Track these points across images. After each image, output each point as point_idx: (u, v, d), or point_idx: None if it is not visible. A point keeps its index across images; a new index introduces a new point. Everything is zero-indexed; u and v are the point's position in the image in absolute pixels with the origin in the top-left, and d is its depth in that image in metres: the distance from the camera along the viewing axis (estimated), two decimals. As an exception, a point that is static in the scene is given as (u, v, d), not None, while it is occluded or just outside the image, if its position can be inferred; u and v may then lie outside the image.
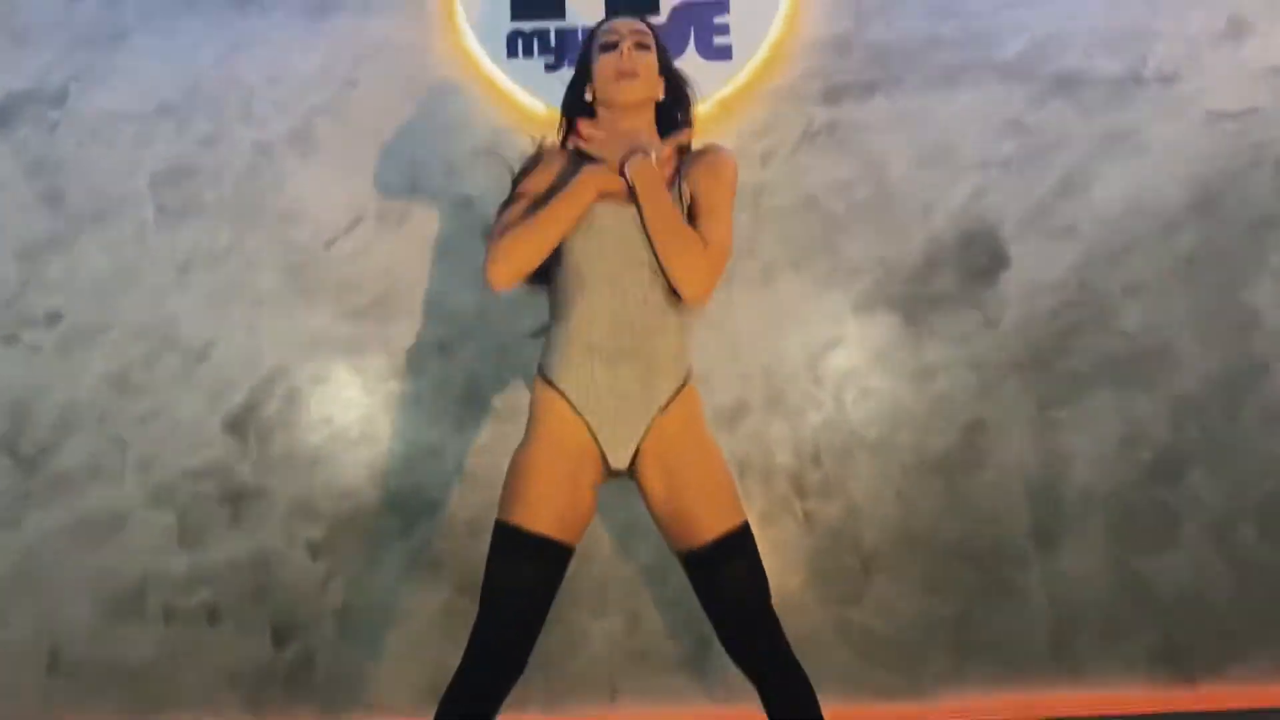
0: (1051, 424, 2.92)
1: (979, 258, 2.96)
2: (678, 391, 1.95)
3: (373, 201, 2.94)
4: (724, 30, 2.98)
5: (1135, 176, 2.97)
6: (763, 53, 2.98)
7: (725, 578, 1.86)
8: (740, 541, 1.88)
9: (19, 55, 2.94)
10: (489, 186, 2.93)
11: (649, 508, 1.95)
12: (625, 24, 2.07)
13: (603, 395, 1.92)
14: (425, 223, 2.95)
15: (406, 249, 2.94)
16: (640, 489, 1.95)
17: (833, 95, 2.98)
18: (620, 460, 1.93)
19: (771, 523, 2.88)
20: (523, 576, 1.85)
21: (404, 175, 2.95)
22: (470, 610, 2.80)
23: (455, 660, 1.87)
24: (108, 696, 2.84)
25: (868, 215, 2.96)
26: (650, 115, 2.07)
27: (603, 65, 2.04)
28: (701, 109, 2.92)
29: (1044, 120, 2.98)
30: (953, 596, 2.89)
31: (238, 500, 2.89)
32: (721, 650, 2.37)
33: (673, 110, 2.14)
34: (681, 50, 2.96)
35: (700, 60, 2.97)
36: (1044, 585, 2.89)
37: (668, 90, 2.12)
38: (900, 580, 2.89)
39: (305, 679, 2.85)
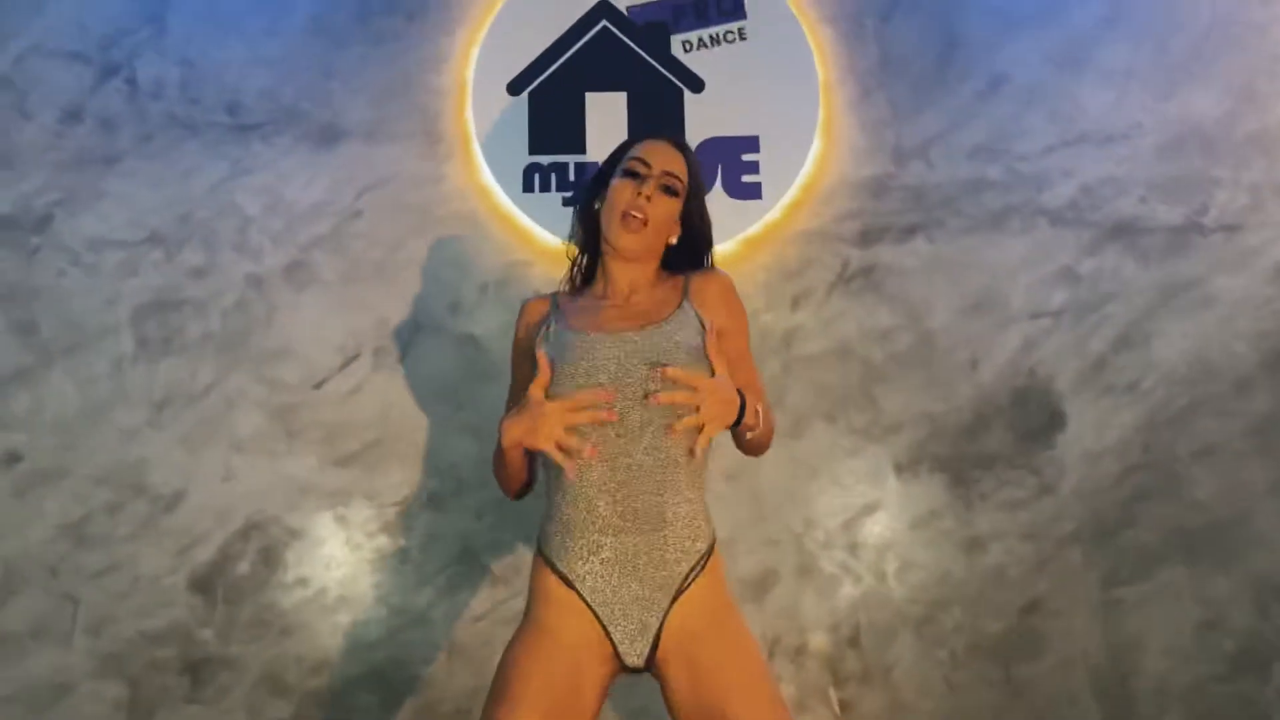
0: (1118, 605, 2.60)
1: (1033, 416, 2.69)
2: (700, 563, 1.66)
3: (369, 340, 2.71)
4: (753, 168, 2.80)
5: (1200, 331, 2.73)
6: (794, 192, 2.79)
7: None
8: None
9: (5, 180, 2.76)
10: (497, 325, 2.71)
11: (672, 710, 1.63)
12: (662, 157, 1.84)
13: (613, 577, 1.63)
14: (425, 363, 2.70)
15: (403, 391, 2.69)
16: (661, 686, 1.63)
17: (869, 237, 2.77)
18: (637, 656, 1.62)
19: (804, 713, 2.52)
20: None
21: (405, 312, 2.73)
22: None
23: None
24: None
25: (908, 366, 2.71)
26: (655, 257, 1.85)
27: (616, 192, 1.81)
28: (728, 248, 2.73)
29: (1099, 269, 2.76)
30: (1012, 806, 2.51)
31: (198, 670, 2.56)
32: None
33: (689, 255, 1.92)
34: (709, 187, 2.77)
35: (728, 198, 2.78)
36: (1117, 795, 2.51)
37: (685, 235, 1.90)
38: (951, 785, 2.51)
39: None
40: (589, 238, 1.92)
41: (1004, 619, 2.59)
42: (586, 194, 1.92)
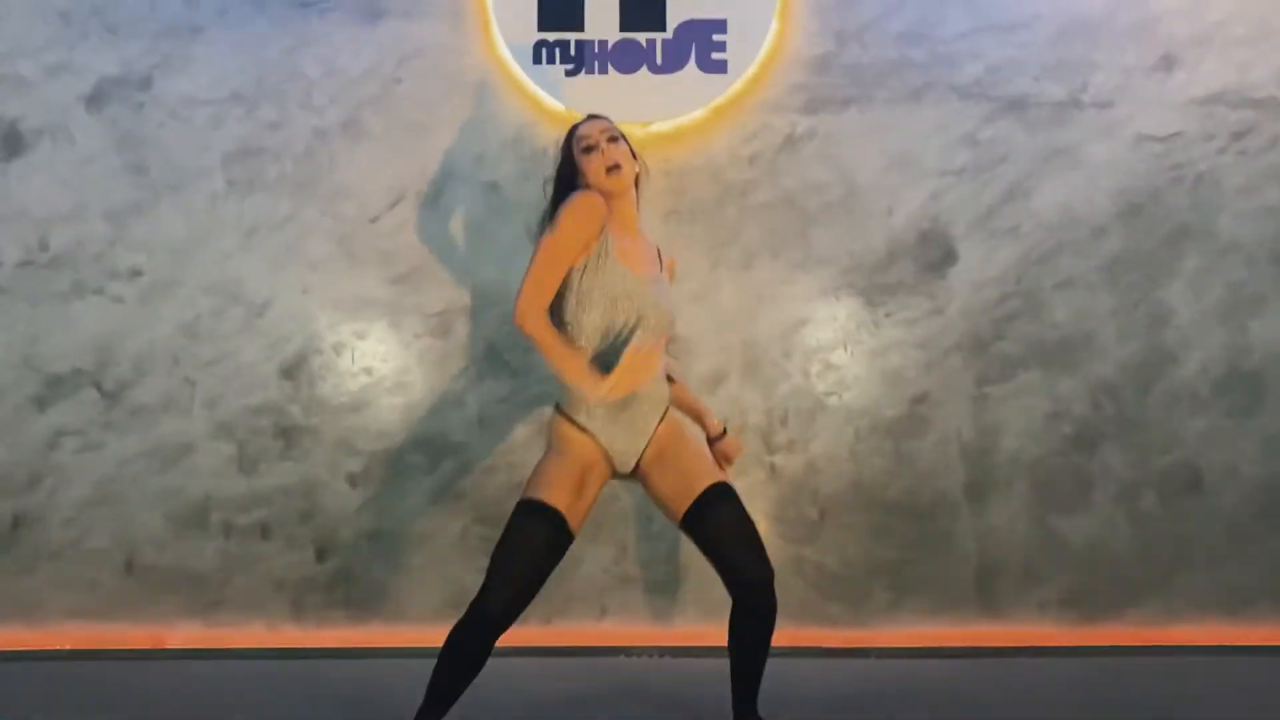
0: (986, 399, 3.41)
1: (932, 253, 3.43)
2: (662, 418, 2.45)
3: (412, 184, 3.41)
4: (721, 47, 3.43)
5: (1070, 188, 3.43)
6: (754, 68, 3.43)
7: (722, 514, 2.33)
8: (729, 489, 2.38)
9: (111, 45, 3.40)
10: (513, 174, 3.41)
11: (651, 492, 2.43)
12: (595, 127, 2.45)
13: (617, 426, 2.38)
14: (457, 204, 3.42)
15: (440, 226, 3.41)
16: (642, 481, 2.44)
17: (813, 107, 3.44)
18: (625, 469, 2.43)
19: (743, 473, 3.37)
20: (536, 537, 2.28)
21: (440, 162, 3.42)
22: (484, 536, 3.31)
23: (470, 578, 2.33)
24: (174, 597, 3.35)
25: (838, 213, 3.43)
26: (634, 193, 2.48)
27: (591, 166, 2.42)
28: (698, 115, 3.41)
29: (994, 136, 3.44)
30: (894, 542, 3.39)
31: (289, 435, 3.38)
32: (695, 578, 2.88)
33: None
34: (684, 63, 3.42)
35: (699, 73, 3.42)
36: (972, 536, 3.39)
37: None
38: (850, 526, 3.39)
39: (342, 589, 3.36)
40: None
41: (897, 407, 3.41)
42: (565, 179, 2.47)
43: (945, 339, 3.41)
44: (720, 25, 3.44)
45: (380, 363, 3.40)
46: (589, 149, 2.45)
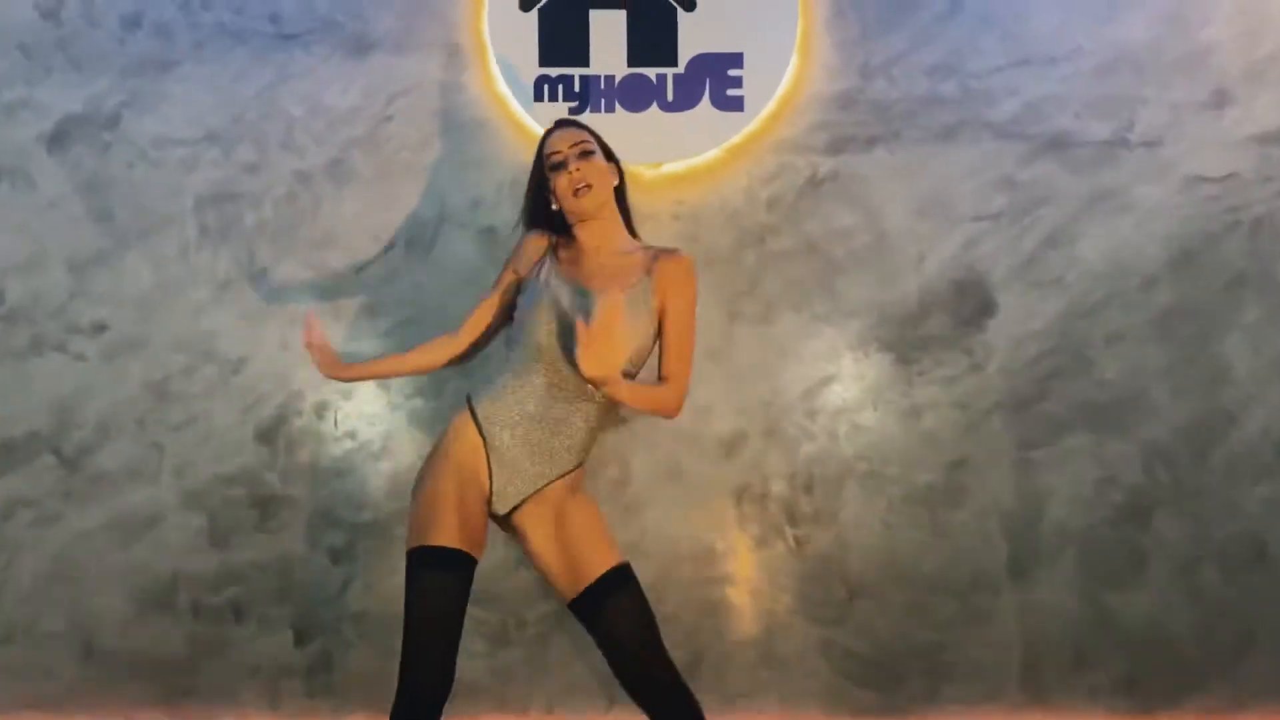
0: (1030, 464, 3.12)
1: (968, 305, 3.15)
2: (567, 474, 2.19)
3: (402, 230, 3.14)
4: (737, 83, 3.17)
5: (1118, 234, 3.16)
6: (772, 105, 3.17)
7: (614, 611, 2.09)
8: (624, 577, 2.12)
9: (76, 80, 3.13)
10: (512, 219, 3.12)
11: (533, 559, 2.17)
12: (565, 139, 2.26)
13: (514, 449, 2.14)
14: (451, 252, 3.14)
15: (432, 276, 3.13)
16: (520, 538, 2.18)
17: (836, 147, 3.17)
18: (500, 508, 2.16)
19: (764, 546, 3.08)
20: (446, 590, 2.03)
21: (433, 206, 3.15)
22: (478, 618, 3.01)
23: (464, 662, 2.09)
24: (137, 685, 3.04)
25: (865, 261, 3.15)
26: (614, 208, 2.27)
27: (559, 186, 2.24)
28: (712, 155, 3.15)
29: (1034, 178, 3.17)
30: (931, 623, 3.08)
31: (265, 506, 3.09)
32: (712, 664, 2.58)
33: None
34: (697, 100, 3.16)
35: (714, 110, 3.16)
36: (1016, 615, 3.09)
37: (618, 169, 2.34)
38: (882, 605, 3.08)
39: (323, 677, 3.06)
40: (558, 224, 2.36)
41: (933, 473, 3.12)
42: (536, 199, 2.35)
43: (984, 399, 3.13)
44: (736, 59, 3.18)
45: (366, 426, 3.11)
46: (557, 166, 2.23)
